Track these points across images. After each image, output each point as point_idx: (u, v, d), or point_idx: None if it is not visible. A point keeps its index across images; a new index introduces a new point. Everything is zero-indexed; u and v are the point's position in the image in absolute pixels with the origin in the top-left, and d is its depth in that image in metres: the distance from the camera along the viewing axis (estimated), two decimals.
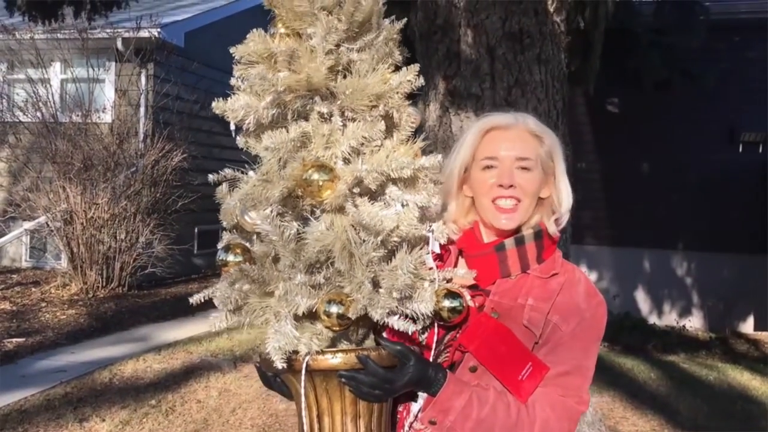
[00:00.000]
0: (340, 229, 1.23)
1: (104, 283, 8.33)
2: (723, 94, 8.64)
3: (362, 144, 1.26)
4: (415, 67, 1.32)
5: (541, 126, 1.48)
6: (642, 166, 9.47)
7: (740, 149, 9.12)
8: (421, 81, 1.32)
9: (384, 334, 1.32)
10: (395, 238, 1.25)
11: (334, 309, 1.20)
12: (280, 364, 1.21)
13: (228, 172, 1.36)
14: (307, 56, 1.26)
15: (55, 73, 9.67)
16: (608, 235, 9.42)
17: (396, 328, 1.23)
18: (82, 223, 8.15)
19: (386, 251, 1.26)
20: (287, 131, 1.27)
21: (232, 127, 1.31)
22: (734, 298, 8.74)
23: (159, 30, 9.44)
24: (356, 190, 1.25)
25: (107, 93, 9.58)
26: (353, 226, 1.23)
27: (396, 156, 1.26)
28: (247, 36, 1.30)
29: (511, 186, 1.39)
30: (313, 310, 1.24)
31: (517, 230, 1.43)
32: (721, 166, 9.09)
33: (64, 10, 6.61)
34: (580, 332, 1.37)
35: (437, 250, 1.37)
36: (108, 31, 9.11)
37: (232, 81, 1.32)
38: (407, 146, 1.31)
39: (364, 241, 1.22)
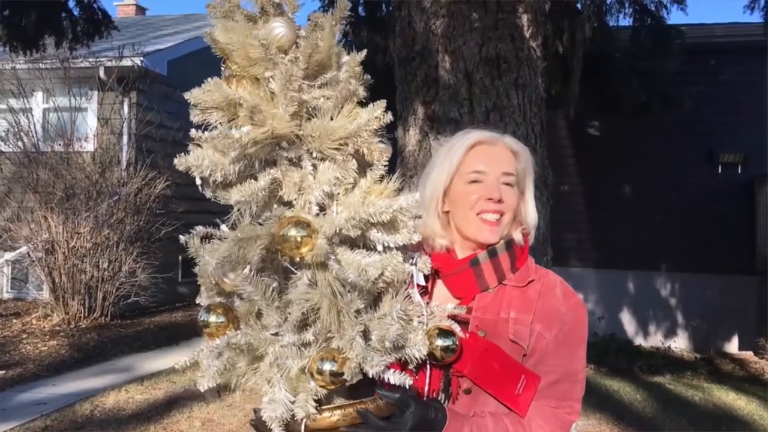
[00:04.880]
0: (324, 284, 1.18)
1: (86, 313, 8.23)
2: (700, 116, 8.77)
3: (335, 184, 1.22)
4: (382, 103, 1.27)
5: (519, 143, 1.51)
6: (624, 187, 9.55)
7: (719, 170, 9.24)
8: (390, 117, 1.27)
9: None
10: (381, 284, 1.22)
11: (327, 367, 1.17)
12: None
13: (200, 229, 1.29)
14: (268, 104, 1.19)
15: (37, 102, 9.65)
16: (592, 257, 9.45)
17: (393, 382, 1.20)
18: (64, 253, 8.08)
19: (372, 297, 1.23)
20: (256, 179, 1.22)
21: (198, 182, 1.24)
22: (718, 318, 8.77)
23: (142, 59, 9.48)
24: (335, 239, 1.21)
25: (89, 122, 9.56)
26: (337, 279, 1.18)
27: (373, 200, 1.22)
28: (203, 84, 1.24)
29: (500, 201, 1.41)
30: (306, 370, 1.20)
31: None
32: (702, 187, 9.19)
33: (46, 40, 6.61)
34: (563, 338, 1.39)
35: (422, 283, 1.36)
36: (90, 60, 9.13)
37: (192, 132, 1.23)
38: (382, 186, 1.27)
39: (349, 291, 1.17)
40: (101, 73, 9.31)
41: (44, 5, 6.16)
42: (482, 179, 1.43)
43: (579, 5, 6.26)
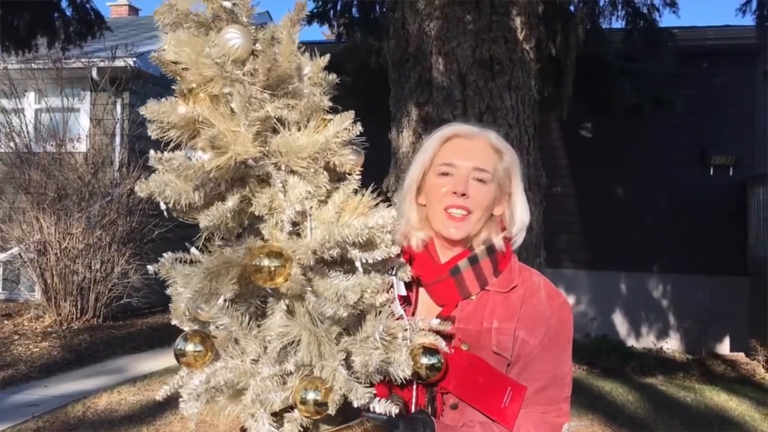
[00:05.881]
0: (302, 312, 1.16)
1: (79, 315, 8.19)
2: (692, 118, 8.81)
3: (307, 198, 1.17)
4: (350, 114, 1.21)
5: (503, 141, 1.46)
6: (617, 189, 9.59)
7: (711, 172, 9.29)
8: (359, 128, 1.21)
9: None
10: (361, 307, 1.19)
11: (311, 396, 1.14)
12: None
13: (169, 255, 1.22)
14: (229, 122, 1.12)
15: (29, 103, 9.60)
16: (585, 258, 9.48)
17: (379, 411, 1.19)
18: (56, 254, 8.04)
19: (354, 319, 1.21)
20: (223, 200, 1.16)
21: (163, 207, 1.17)
22: (710, 320, 8.81)
23: (135, 59, 9.45)
24: (311, 263, 1.17)
25: (82, 122, 9.53)
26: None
27: (347, 221, 1.16)
28: (160, 101, 1.15)
29: (464, 195, 1.37)
30: (289, 401, 1.18)
31: (470, 247, 1.42)
32: (694, 189, 9.24)
33: (38, 40, 6.59)
34: (549, 341, 1.37)
35: (403, 292, 1.33)
36: (83, 60, 9.10)
37: (151, 154, 1.15)
38: (357, 200, 1.21)
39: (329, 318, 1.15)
40: (94, 73, 9.28)
41: (37, 5, 6.16)
42: (452, 172, 1.39)
43: (572, 7, 6.28)
